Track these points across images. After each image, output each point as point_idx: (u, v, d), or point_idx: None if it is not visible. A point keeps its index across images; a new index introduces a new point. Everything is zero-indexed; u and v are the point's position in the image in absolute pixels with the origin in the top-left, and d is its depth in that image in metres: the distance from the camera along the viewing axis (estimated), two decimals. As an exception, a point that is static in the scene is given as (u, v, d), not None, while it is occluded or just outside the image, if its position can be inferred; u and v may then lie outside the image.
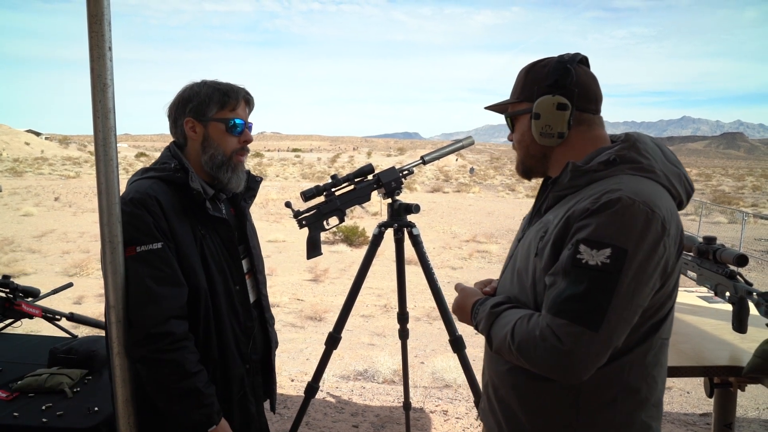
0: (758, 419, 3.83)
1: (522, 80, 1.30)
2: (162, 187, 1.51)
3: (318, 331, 6.28)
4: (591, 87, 1.26)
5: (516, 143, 1.34)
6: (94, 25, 1.26)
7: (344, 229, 11.82)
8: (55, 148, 74.92)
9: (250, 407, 1.64)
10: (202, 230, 1.54)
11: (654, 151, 1.21)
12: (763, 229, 15.80)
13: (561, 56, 1.25)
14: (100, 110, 1.31)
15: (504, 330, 1.16)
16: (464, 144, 2.46)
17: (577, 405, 1.17)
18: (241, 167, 1.64)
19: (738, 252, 1.70)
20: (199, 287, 1.49)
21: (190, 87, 1.60)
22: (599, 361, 1.07)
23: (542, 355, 1.07)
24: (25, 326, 2.24)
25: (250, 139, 1.64)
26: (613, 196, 1.07)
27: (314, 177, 32.51)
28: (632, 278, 1.05)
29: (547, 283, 1.13)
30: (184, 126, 1.58)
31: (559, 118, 1.22)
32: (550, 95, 1.23)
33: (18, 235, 12.42)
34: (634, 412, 1.18)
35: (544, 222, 1.23)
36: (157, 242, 1.42)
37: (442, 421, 3.50)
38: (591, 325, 1.04)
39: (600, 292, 1.04)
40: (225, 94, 1.57)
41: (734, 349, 1.88)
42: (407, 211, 2.37)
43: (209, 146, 1.58)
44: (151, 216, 1.43)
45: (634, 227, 1.05)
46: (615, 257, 1.04)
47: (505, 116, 1.35)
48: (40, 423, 1.64)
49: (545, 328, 1.07)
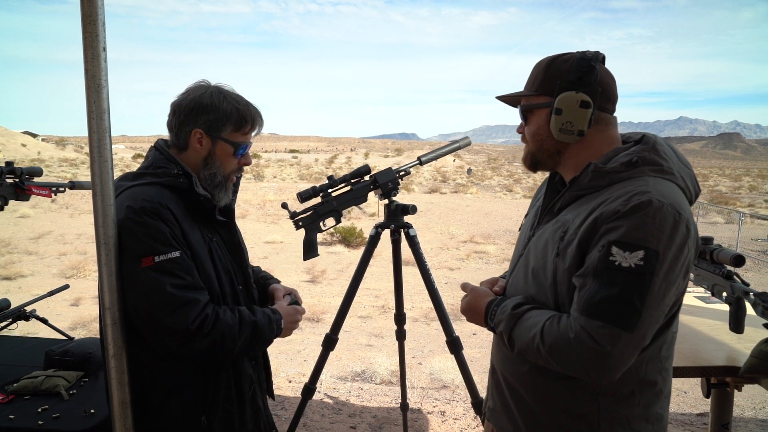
0: (755, 419, 3.83)
1: (542, 73, 1.27)
2: (167, 193, 1.46)
3: (315, 332, 6.27)
4: (611, 87, 1.25)
5: (529, 136, 1.32)
6: (88, 25, 1.26)
7: (341, 230, 11.81)
8: (52, 150, 74.69)
9: (259, 401, 1.67)
10: (209, 234, 1.54)
11: (669, 152, 1.22)
12: (760, 230, 15.85)
13: (583, 53, 1.23)
14: (94, 111, 1.30)
15: (531, 332, 1.16)
16: (461, 144, 2.46)
17: (597, 401, 1.19)
18: (231, 185, 1.62)
19: (735, 252, 1.70)
20: (213, 291, 1.49)
21: (209, 95, 1.51)
22: (631, 361, 1.10)
23: (578, 357, 1.08)
24: (21, 328, 2.23)
25: (249, 162, 1.64)
26: (643, 198, 1.08)
27: (312, 178, 32.48)
28: (663, 279, 1.07)
29: (577, 285, 1.13)
30: (191, 135, 1.52)
31: (582, 115, 1.21)
32: (573, 92, 1.21)
33: (15, 236, 12.38)
34: (651, 404, 1.21)
35: (561, 221, 1.23)
36: (175, 251, 1.40)
37: (440, 422, 3.49)
38: (627, 326, 1.06)
39: (635, 294, 1.06)
40: (243, 118, 1.53)
41: (731, 349, 1.88)
42: (404, 212, 2.37)
43: (212, 164, 1.54)
44: (166, 225, 1.40)
45: (664, 229, 1.07)
46: (648, 259, 1.06)
47: (521, 108, 1.33)
48: (36, 425, 1.63)
49: (580, 331, 1.08)
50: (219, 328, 1.42)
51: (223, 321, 1.43)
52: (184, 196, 1.50)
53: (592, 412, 1.20)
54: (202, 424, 1.49)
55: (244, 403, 1.59)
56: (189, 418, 1.49)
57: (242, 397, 1.58)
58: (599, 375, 1.08)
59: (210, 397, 1.50)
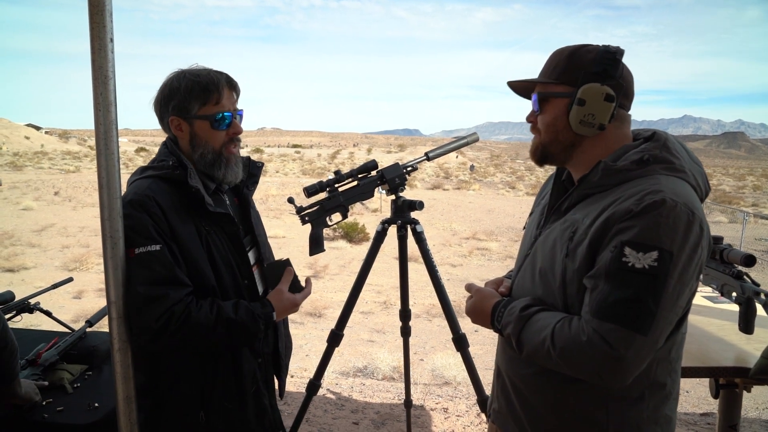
0: (759, 419, 3.82)
1: (564, 62, 1.22)
2: (161, 186, 1.47)
3: (318, 327, 6.27)
4: (631, 84, 1.23)
5: (543, 126, 1.26)
6: (95, 16, 1.24)
7: (344, 226, 11.80)
8: (55, 143, 74.79)
9: (264, 400, 1.63)
10: (206, 227, 1.51)
11: (681, 150, 1.20)
12: (764, 229, 15.79)
13: (606, 46, 1.20)
14: (101, 103, 1.28)
15: (541, 335, 1.14)
16: (468, 141, 2.43)
17: (606, 404, 1.17)
18: (235, 159, 1.58)
19: (746, 252, 1.68)
20: (207, 285, 1.47)
21: (169, 81, 1.52)
22: (645, 364, 1.08)
23: (591, 360, 1.06)
24: (25, 321, 2.22)
25: (239, 130, 1.57)
26: (656, 197, 1.06)
27: (314, 173, 32.47)
28: (677, 280, 1.05)
29: (588, 286, 1.11)
30: (170, 125, 1.53)
31: (605, 109, 1.17)
32: (598, 84, 1.17)
33: (18, 229, 12.40)
34: (660, 406, 1.19)
35: (570, 221, 1.20)
36: (156, 244, 1.39)
37: (443, 418, 3.49)
38: (642, 329, 1.03)
39: (649, 296, 1.04)
40: (205, 88, 1.48)
41: (740, 350, 1.86)
42: (411, 208, 2.35)
43: (198, 144, 1.53)
44: (150, 218, 1.40)
45: (678, 229, 1.04)
46: (662, 260, 1.03)
47: (537, 95, 1.26)
48: (40, 418, 1.62)
49: (593, 334, 1.06)
50: (188, 327, 1.39)
51: (194, 319, 1.40)
52: (181, 188, 1.49)
53: (601, 415, 1.18)
54: (200, 420, 1.49)
55: (245, 402, 1.56)
56: (188, 412, 1.49)
57: (243, 395, 1.56)
58: (612, 379, 1.06)
59: (207, 393, 1.50)
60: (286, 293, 1.58)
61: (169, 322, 1.37)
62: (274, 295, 1.57)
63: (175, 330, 1.38)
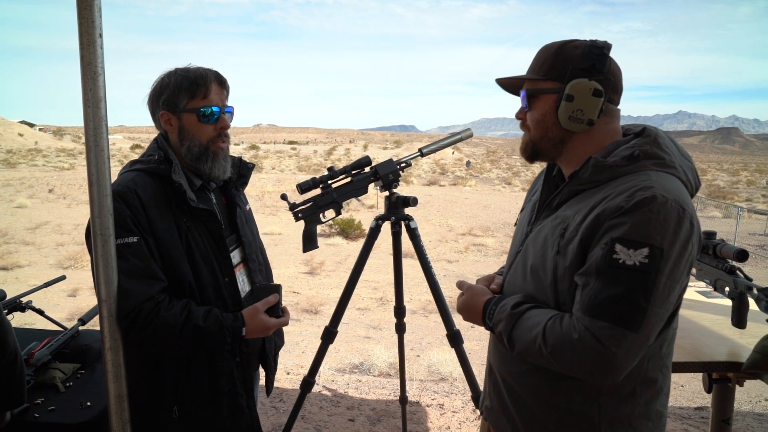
0: (752, 412, 3.84)
1: (551, 58, 1.21)
2: (145, 179, 1.49)
3: (314, 324, 6.27)
4: (619, 78, 1.22)
5: (533, 122, 1.25)
6: (83, 11, 1.23)
7: (340, 222, 11.79)
8: (49, 140, 74.37)
9: (240, 401, 1.61)
10: (187, 222, 1.52)
11: (671, 145, 1.19)
12: (757, 224, 15.87)
13: (593, 41, 1.18)
14: (90, 99, 1.27)
15: (532, 332, 1.13)
16: (462, 136, 2.42)
17: (598, 401, 1.17)
18: (223, 154, 1.59)
19: (739, 247, 1.68)
20: (183, 280, 1.48)
21: (161, 78, 1.56)
22: (636, 361, 1.07)
23: (582, 358, 1.06)
24: (17, 319, 2.21)
25: (226, 125, 1.59)
26: (647, 194, 1.05)
27: (310, 169, 32.41)
28: (668, 277, 1.04)
29: (579, 283, 1.10)
30: (161, 119, 1.56)
31: (593, 104, 1.16)
32: (586, 79, 1.16)
33: (12, 227, 12.33)
34: (651, 402, 1.19)
35: (561, 217, 1.19)
36: (133, 236, 1.41)
37: (438, 414, 3.49)
38: (633, 326, 1.03)
39: (640, 293, 1.03)
40: (193, 83, 1.52)
41: (733, 344, 1.87)
42: (405, 204, 2.34)
43: (185, 138, 1.55)
44: (129, 209, 1.42)
45: (668, 226, 1.04)
46: (652, 257, 1.03)
47: (525, 92, 1.26)
48: (31, 418, 1.61)
49: (584, 331, 1.05)
50: (154, 326, 1.40)
51: (162, 319, 1.40)
52: (165, 182, 1.51)
53: (593, 412, 1.18)
54: (173, 415, 1.50)
55: (219, 401, 1.56)
56: (162, 407, 1.50)
57: (218, 394, 1.55)
58: (604, 376, 1.06)
59: (181, 389, 1.51)
60: (261, 313, 1.55)
61: (137, 317, 1.38)
62: (249, 311, 1.54)
63: (142, 326, 1.39)
